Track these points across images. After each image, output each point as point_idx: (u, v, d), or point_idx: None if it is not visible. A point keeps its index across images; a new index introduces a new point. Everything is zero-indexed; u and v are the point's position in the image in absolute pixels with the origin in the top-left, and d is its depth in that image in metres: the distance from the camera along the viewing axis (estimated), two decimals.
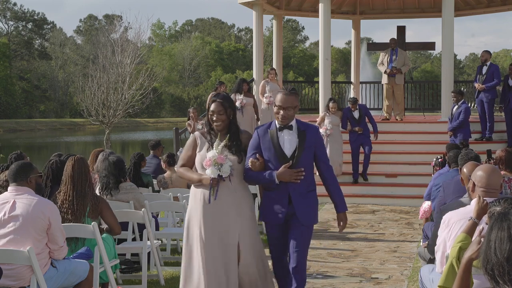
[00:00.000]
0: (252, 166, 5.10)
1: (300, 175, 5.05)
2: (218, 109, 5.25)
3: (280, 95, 5.13)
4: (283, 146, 5.13)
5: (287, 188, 5.11)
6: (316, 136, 5.23)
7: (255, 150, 5.17)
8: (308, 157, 5.14)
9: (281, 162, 5.09)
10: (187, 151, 5.37)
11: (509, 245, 2.11)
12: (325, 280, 7.28)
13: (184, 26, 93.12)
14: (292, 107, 5.11)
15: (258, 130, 5.23)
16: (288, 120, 5.13)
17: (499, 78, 14.00)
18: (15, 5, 76.46)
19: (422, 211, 7.50)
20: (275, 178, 5.05)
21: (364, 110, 13.13)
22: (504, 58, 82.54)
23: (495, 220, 2.21)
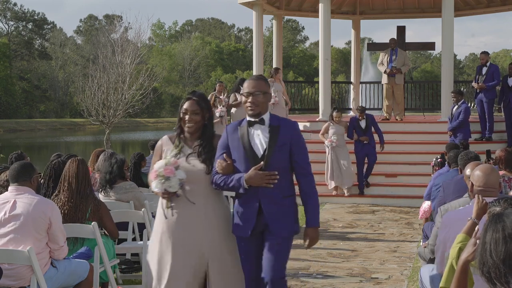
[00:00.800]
0: (219, 168, 4.41)
1: (273, 179, 4.32)
2: (192, 108, 4.58)
3: (247, 81, 4.50)
4: (253, 145, 4.39)
5: (257, 194, 4.37)
6: (292, 133, 4.42)
7: (223, 150, 4.46)
8: (282, 158, 4.38)
9: (252, 163, 4.36)
10: (154, 157, 4.73)
11: (504, 247, 2.11)
12: (325, 280, 7.28)
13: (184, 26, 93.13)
14: (262, 92, 4.41)
15: (228, 127, 4.53)
16: (258, 109, 4.39)
17: (498, 78, 14.01)
18: (15, 5, 76.47)
19: (422, 211, 7.51)
20: (243, 182, 4.32)
21: (371, 120, 12.82)
22: (504, 58, 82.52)
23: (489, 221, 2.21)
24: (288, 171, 4.43)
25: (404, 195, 12.72)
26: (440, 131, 13.87)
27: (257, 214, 4.39)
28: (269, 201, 4.38)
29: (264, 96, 4.44)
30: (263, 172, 4.32)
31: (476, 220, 3.91)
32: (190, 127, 4.59)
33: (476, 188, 4.28)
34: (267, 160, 4.34)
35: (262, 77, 4.58)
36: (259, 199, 4.38)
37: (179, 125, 4.63)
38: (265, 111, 4.46)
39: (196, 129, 4.60)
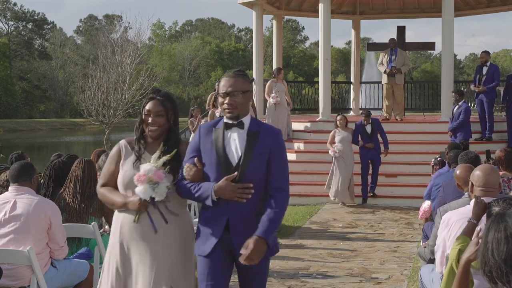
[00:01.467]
0: (187, 174, 3.80)
1: (247, 192, 3.68)
2: (156, 109, 3.97)
3: (223, 78, 3.86)
4: (228, 151, 3.76)
5: (227, 209, 3.72)
6: (274, 141, 3.78)
7: (194, 153, 3.84)
8: (259, 168, 3.73)
9: (224, 172, 3.72)
10: (109, 164, 4.08)
11: (506, 247, 2.11)
12: (325, 280, 7.28)
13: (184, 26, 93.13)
14: (240, 92, 3.77)
15: (202, 127, 3.92)
16: (237, 111, 3.77)
17: (498, 78, 14.02)
18: (15, 5, 76.48)
19: (422, 211, 7.51)
20: (212, 193, 3.69)
21: (377, 125, 12.55)
22: (504, 58, 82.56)
23: (491, 221, 2.21)
24: (264, 185, 3.77)
25: (404, 195, 12.72)
26: (440, 131, 13.87)
27: (223, 232, 3.74)
28: (239, 218, 3.72)
29: (243, 96, 3.79)
30: (236, 184, 3.69)
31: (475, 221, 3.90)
32: (153, 131, 3.97)
33: (476, 188, 4.28)
34: (242, 170, 3.70)
35: (241, 73, 3.88)
36: (228, 214, 3.72)
37: (140, 128, 4.02)
38: (245, 113, 3.82)
39: (159, 134, 3.98)
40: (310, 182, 13.45)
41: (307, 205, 12.65)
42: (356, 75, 20.24)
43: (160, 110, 3.97)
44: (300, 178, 13.66)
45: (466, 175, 4.88)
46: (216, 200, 3.71)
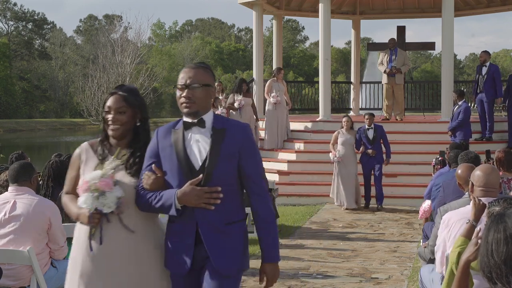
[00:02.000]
0: (146, 183, 3.39)
1: (214, 197, 3.29)
2: (117, 105, 3.53)
3: (182, 70, 3.46)
4: (190, 153, 3.36)
5: (194, 218, 3.34)
6: (242, 139, 3.39)
7: (152, 160, 3.43)
8: (228, 171, 3.35)
9: (187, 177, 3.32)
10: (70, 170, 3.69)
11: (506, 247, 2.11)
12: (325, 280, 7.28)
13: (184, 26, 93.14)
14: (201, 85, 3.35)
15: (159, 130, 3.50)
16: (196, 106, 3.35)
17: (499, 78, 14.01)
18: (15, 5, 76.47)
19: (422, 211, 7.51)
20: (175, 201, 3.29)
21: (380, 131, 12.02)
22: (504, 58, 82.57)
23: (491, 222, 2.21)
24: (236, 189, 3.40)
25: (404, 195, 12.72)
26: (440, 131, 13.87)
27: (193, 244, 3.35)
28: (209, 228, 3.33)
29: (204, 90, 3.36)
30: (202, 188, 3.28)
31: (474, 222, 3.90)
32: (114, 130, 3.53)
33: (477, 188, 4.28)
34: (207, 173, 3.30)
35: (203, 65, 3.50)
36: (196, 224, 3.34)
37: (103, 127, 3.60)
38: (205, 109, 3.39)
39: (122, 133, 3.55)
40: (310, 182, 13.45)
41: (307, 205, 12.65)
42: (356, 75, 20.24)
43: (122, 106, 3.52)
44: (300, 178, 13.66)
45: (468, 174, 4.87)
46: (180, 208, 3.30)
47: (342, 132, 12.04)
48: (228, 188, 3.34)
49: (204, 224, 3.34)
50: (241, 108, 14.26)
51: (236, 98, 14.32)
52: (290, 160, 14.14)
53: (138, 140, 3.59)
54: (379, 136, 12.00)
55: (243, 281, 7.19)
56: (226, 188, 3.33)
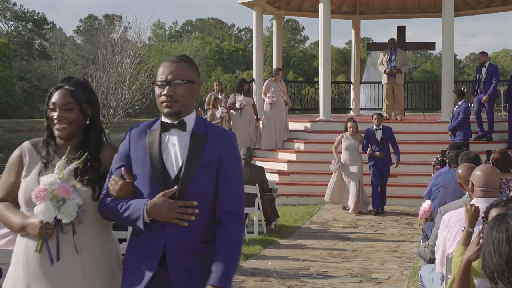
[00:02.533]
0: (112, 189, 2.96)
1: (189, 212, 2.86)
2: (63, 101, 3.06)
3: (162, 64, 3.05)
4: (166, 158, 2.93)
5: (163, 234, 2.89)
6: (225, 148, 2.95)
7: (122, 162, 2.99)
8: (205, 183, 2.91)
9: (160, 186, 2.90)
10: (7, 174, 3.15)
11: (508, 248, 2.11)
12: (325, 280, 7.28)
13: (184, 26, 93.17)
14: (184, 81, 2.93)
15: (133, 129, 3.08)
16: (178, 105, 2.94)
17: (498, 78, 13.99)
18: (15, 5, 76.50)
19: (422, 211, 7.51)
20: (143, 213, 2.85)
21: (389, 133, 11.71)
22: (504, 58, 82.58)
23: (493, 222, 2.21)
24: (211, 205, 2.95)
25: (404, 195, 12.72)
26: (440, 131, 13.87)
27: (157, 265, 2.90)
28: (179, 247, 2.89)
29: (187, 87, 2.95)
30: (176, 201, 2.86)
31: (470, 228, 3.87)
32: (61, 130, 3.06)
33: (477, 188, 4.27)
34: (183, 184, 2.87)
35: (186, 58, 3.07)
36: (164, 242, 2.88)
37: (48, 127, 3.13)
38: (188, 110, 2.99)
39: (70, 133, 3.09)
40: (310, 182, 13.45)
41: (307, 205, 12.65)
42: (356, 75, 20.25)
43: (69, 103, 3.06)
44: (300, 178, 13.66)
45: (468, 174, 4.87)
46: (149, 222, 2.87)
47: (346, 136, 11.67)
48: (204, 201, 2.90)
49: (174, 242, 2.87)
50: (242, 108, 14.26)
51: (237, 98, 14.32)
52: (290, 160, 14.13)
53: (88, 140, 3.13)
54: (387, 138, 11.69)
55: (243, 281, 7.19)
56: (202, 201, 2.89)
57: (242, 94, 14.36)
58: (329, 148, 12.29)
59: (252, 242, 9.27)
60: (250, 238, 9.55)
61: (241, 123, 14.47)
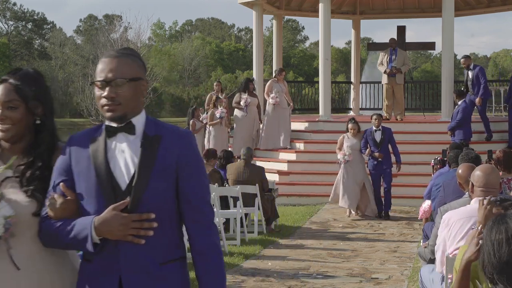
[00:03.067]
0: (52, 209, 2.50)
1: (146, 227, 2.44)
2: (6, 98, 2.65)
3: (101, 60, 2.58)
4: (114, 168, 2.51)
5: (117, 256, 2.47)
6: (182, 149, 2.55)
7: (62, 177, 2.56)
8: (163, 191, 2.50)
9: (109, 199, 2.47)
10: None
11: (508, 248, 2.11)
12: (325, 280, 7.27)
13: (184, 26, 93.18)
14: (127, 80, 2.50)
15: (73, 137, 2.66)
16: (122, 108, 2.50)
17: (485, 77, 13.85)
18: (14, 5, 76.53)
19: (422, 211, 7.51)
20: (91, 231, 2.43)
21: (388, 134, 11.36)
22: (504, 58, 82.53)
23: (492, 222, 2.21)
24: (174, 217, 2.56)
25: (404, 195, 12.71)
26: (440, 131, 13.87)
27: None
28: (137, 272, 2.48)
29: (132, 86, 2.52)
30: (129, 214, 2.43)
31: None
32: (4, 131, 2.65)
33: (477, 189, 4.27)
34: (136, 195, 2.46)
35: (129, 51, 2.63)
36: (119, 267, 2.47)
37: None
38: (135, 111, 2.55)
39: (15, 135, 2.67)
40: (310, 182, 13.45)
41: (307, 205, 12.64)
42: (356, 75, 20.25)
43: (13, 100, 2.64)
44: (300, 178, 13.66)
45: (468, 174, 4.87)
46: (99, 242, 2.45)
47: (347, 136, 11.37)
48: (164, 215, 2.50)
49: (130, 264, 2.46)
50: (247, 105, 14.26)
51: (242, 97, 14.33)
52: (290, 160, 14.13)
53: (38, 144, 2.70)
54: (387, 139, 11.36)
55: (243, 281, 7.19)
56: (161, 215, 2.48)
57: (246, 94, 14.37)
58: (329, 148, 12.28)
59: (252, 242, 9.27)
60: (250, 238, 9.55)
61: (245, 122, 14.47)
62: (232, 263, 7.96)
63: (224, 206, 9.69)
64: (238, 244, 9.06)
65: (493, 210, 3.64)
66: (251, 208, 9.80)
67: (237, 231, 9.32)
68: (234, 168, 10.29)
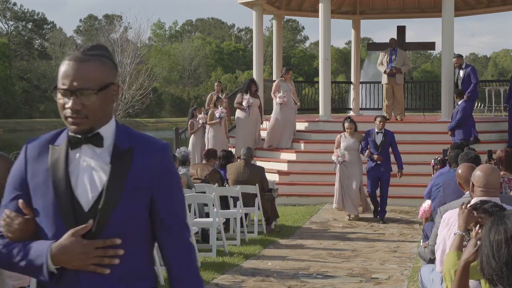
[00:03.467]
0: (5, 229, 2.19)
1: (111, 255, 2.13)
2: None
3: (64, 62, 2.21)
4: (76, 184, 2.16)
5: (77, 285, 2.15)
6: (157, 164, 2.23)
7: (16, 192, 2.22)
8: (134, 213, 2.18)
9: (69, 222, 2.14)
10: None
11: (506, 249, 2.10)
12: (325, 280, 7.28)
13: (184, 26, 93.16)
14: (95, 91, 2.14)
15: (30, 145, 2.26)
16: (88, 122, 2.16)
17: (476, 77, 13.78)
18: (15, 5, 76.52)
19: (422, 211, 7.51)
20: (47, 260, 2.11)
21: (390, 137, 10.98)
22: (504, 58, 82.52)
23: (491, 223, 2.20)
24: (144, 241, 2.24)
25: (404, 195, 12.71)
26: (440, 131, 13.87)
27: None
28: None
29: (101, 96, 2.17)
30: (92, 241, 2.12)
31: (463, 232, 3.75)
32: None
33: (477, 189, 4.27)
34: (102, 217, 2.13)
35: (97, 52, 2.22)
36: None
37: None
38: (103, 120, 2.21)
39: None
40: (310, 182, 13.45)
41: (307, 205, 12.65)
42: (356, 75, 20.25)
43: None
44: (300, 178, 13.66)
45: (468, 174, 4.87)
46: (56, 272, 2.13)
47: (344, 136, 11.08)
48: (133, 239, 2.18)
49: None
50: (249, 106, 14.25)
51: (244, 97, 14.32)
52: (290, 160, 14.13)
53: None
54: (388, 143, 10.97)
55: (243, 281, 7.19)
56: (130, 240, 2.17)
57: (248, 94, 14.36)
58: (329, 148, 12.25)
59: (252, 242, 9.27)
60: (250, 238, 9.55)
61: (247, 123, 14.45)
62: (232, 263, 7.97)
63: (224, 206, 9.69)
64: (238, 244, 9.06)
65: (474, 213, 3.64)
66: (251, 208, 9.81)
67: (237, 231, 9.32)
68: (234, 168, 10.29)
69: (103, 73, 2.18)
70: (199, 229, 9.06)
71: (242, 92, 14.50)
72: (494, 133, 14.33)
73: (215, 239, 8.53)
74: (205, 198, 8.85)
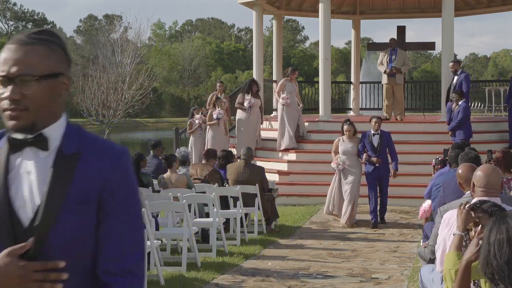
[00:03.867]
0: None
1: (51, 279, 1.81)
2: None
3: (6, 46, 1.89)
4: (15, 195, 1.86)
5: None
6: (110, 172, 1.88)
7: None
8: (80, 228, 1.85)
9: (6, 239, 1.85)
10: None
11: (508, 249, 2.10)
12: (325, 280, 7.27)
13: (184, 26, 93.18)
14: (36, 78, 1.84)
15: None
16: (29, 115, 1.85)
17: (468, 85, 13.65)
18: (15, 5, 76.55)
19: (422, 211, 7.51)
20: None
21: (387, 138, 10.68)
22: (504, 58, 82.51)
23: (493, 222, 2.20)
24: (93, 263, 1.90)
25: (404, 195, 12.71)
26: (440, 131, 13.87)
27: None
28: None
29: (45, 85, 1.87)
30: (30, 262, 1.81)
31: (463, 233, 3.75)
32: None
33: (477, 189, 4.27)
34: (42, 235, 1.83)
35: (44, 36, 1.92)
36: None
37: None
38: (50, 117, 1.90)
39: None
40: (310, 182, 13.44)
41: (307, 205, 12.64)
42: (356, 75, 20.24)
43: None
44: (300, 178, 13.66)
45: (468, 174, 4.86)
46: None
47: (342, 139, 10.73)
48: (79, 261, 1.87)
49: None
50: (250, 106, 14.23)
51: (245, 98, 14.30)
52: (290, 160, 14.13)
53: None
54: (385, 144, 10.67)
55: (243, 281, 7.19)
56: (75, 261, 1.86)
57: (249, 94, 14.34)
58: (329, 148, 12.19)
59: (252, 242, 9.27)
60: (250, 238, 9.55)
61: (248, 123, 14.43)
62: (232, 263, 7.96)
63: (224, 206, 9.69)
64: (238, 244, 9.06)
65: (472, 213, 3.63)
66: (251, 208, 9.81)
67: (237, 231, 9.32)
68: (234, 168, 10.29)
69: (50, 60, 1.87)
70: (199, 229, 9.06)
71: (244, 93, 14.48)
72: (494, 133, 14.33)
73: (215, 239, 8.53)
74: (205, 198, 8.86)
